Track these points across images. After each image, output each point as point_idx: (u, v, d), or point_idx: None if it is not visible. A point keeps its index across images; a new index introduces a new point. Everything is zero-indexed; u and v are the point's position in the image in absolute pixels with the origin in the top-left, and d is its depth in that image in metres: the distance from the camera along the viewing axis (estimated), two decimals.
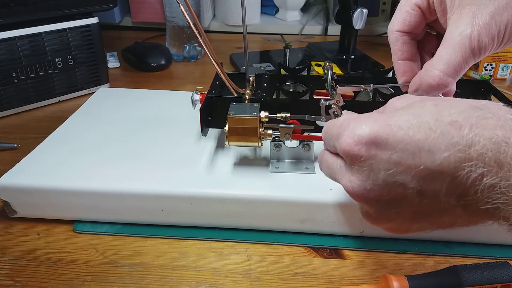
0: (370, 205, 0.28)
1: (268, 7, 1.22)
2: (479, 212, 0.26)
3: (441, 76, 0.32)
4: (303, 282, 0.40)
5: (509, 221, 0.25)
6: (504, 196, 0.24)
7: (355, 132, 0.27)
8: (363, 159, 0.27)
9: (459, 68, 0.32)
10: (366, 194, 0.27)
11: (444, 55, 0.32)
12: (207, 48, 0.44)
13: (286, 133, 0.43)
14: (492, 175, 0.24)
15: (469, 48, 0.31)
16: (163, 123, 0.56)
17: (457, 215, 0.27)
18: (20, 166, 0.47)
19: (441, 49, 0.32)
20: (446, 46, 0.32)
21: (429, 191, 0.26)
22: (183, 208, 0.44)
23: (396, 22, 0.36)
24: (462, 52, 0.31)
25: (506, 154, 0.24)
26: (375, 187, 0.27)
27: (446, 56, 0.32)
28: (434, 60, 0.32)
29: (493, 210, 0.25)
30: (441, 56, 0.32)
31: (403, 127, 0.26)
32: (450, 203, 0.26)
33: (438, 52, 0.32)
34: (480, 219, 0.27)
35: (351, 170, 0.28)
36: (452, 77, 0.32)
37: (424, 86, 0.33)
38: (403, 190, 0.26)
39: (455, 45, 0.31)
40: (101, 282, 0.39)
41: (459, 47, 0.31)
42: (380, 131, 0.26)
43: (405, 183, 0.26)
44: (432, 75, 0.32)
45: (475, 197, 0.25)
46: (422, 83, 0.33)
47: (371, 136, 0.26)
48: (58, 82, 0.71)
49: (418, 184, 0.26)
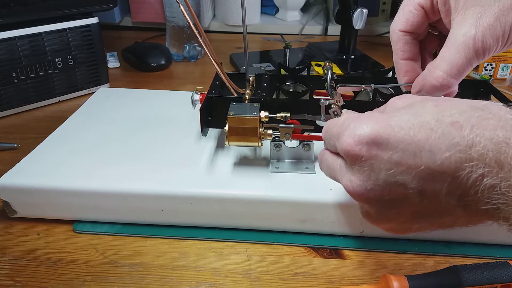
0: (370, 205, 0.28)
1: (268, 7, 1.22)
2: (479, 212, 0.26)
3: (444, 77, 0.32)
4: (303, 282, 0.40)
5: (509, 221, 0.25)
6: (504, 196, 0.24)
7: (356, 132, 0.27)
8: (364, 159, 0.27)
9: (462, 69, 0.32)
10: (366, 194, 0.27)
11: (448, 56, 0.32)
12: (207, 48, 0.44)
13: (286, 133, 0.43)
14: (493, 175, 0.24)
15: (472, 49, 0.31)
16: (163, 123, 0.56)
17: (457, 215, 0.27)
18: (20, 166, 0.47)
19: (445, 50, 0.32)
20: (449, 47, 0.32)
21: (430, 191, 0.26)
22: (183, 208, 0.44)
23: (399, 22, 0.36)
24: (466, 53, 0.31)
25: (507, 155, 0.24)
26: (375, 187, 0.27)
27: (450, 57, 0.32)
28: (437, 61, 0.32)
29: (493, 211, 0.25)
30: (444, 57, 0.32)
31: (404, 127, 0.26)
32: (450, 203, 0.26)
33: (441, 53, 0.32)
34: (480, 219, 0.27)
35: (351, 170, 0.28)
36: (455, 78, 0.32)
37: (427, 87, 0.33)
38: (403, 190, 0.26)
39: (458, 46, 0.31)
40: (101, 282, 0.39)
41: (462, 48, 0.31)
42: (381, 131, 0.26)
43: (405, 183, 0.26)
44: (436, 76, 0.32)
45: (476, 197, 0.25)
46: (425, 84, 0.33)
47: (372, 136, 0.26)
48: (58, 82, 0.71)
49: (419, 184, 0.26)
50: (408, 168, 0.25)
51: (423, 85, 0.33)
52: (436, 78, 0.32)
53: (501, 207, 0.24)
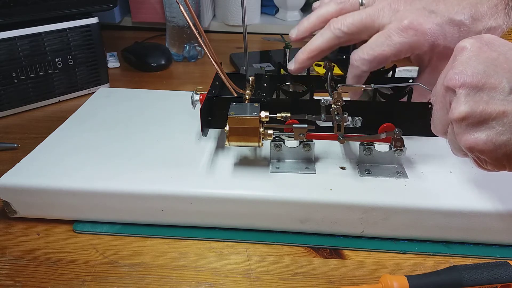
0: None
1: (268, 7, 1.22)
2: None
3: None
4: (303, 282, 0.40)
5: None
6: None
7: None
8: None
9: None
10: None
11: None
12: (207, 48, 0.44)
13: (301, 133, 0.43)
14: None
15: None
16: (163, 123, 0.56)
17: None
18: (20, 166, 0.47)
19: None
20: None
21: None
22: (183, 208, 0.44)
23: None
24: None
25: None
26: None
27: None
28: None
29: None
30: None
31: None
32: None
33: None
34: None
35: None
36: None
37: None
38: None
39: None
40: (101, 282, 0.39)
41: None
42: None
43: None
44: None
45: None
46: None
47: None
48: (58, 82, 0.71)
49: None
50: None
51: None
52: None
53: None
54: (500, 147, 0.31)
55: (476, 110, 0.30)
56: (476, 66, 0.31)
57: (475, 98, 0.30)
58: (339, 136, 0.43)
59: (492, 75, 0.30)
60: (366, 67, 0.41)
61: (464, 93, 0.31)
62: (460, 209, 0.41)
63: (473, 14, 0.38)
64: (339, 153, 0.50)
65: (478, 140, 0.31)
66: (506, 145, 0.30)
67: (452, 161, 0.47)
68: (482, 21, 0.38)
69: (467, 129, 0.31)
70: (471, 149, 0.32)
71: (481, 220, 0.41)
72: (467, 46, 0.32)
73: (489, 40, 0.32)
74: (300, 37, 0.47)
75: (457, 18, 0.38)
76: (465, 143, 0.32)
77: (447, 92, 0.32)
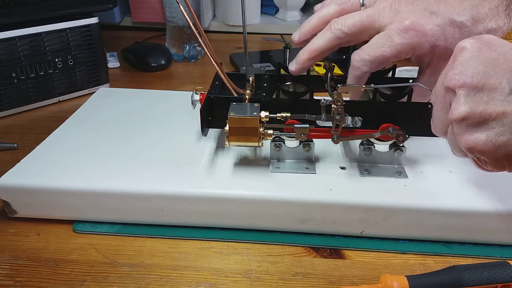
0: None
1: (268, 7, 1.22)
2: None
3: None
4: (303, 282, 0.40)
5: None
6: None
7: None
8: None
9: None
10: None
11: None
12: (207, 48, 0.44)
13: (302, 133, 0.43)
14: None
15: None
16: (163, 123, 0.56)
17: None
18: (20, 166, 0.47)
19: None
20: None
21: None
22: (183, 208, 0.44)
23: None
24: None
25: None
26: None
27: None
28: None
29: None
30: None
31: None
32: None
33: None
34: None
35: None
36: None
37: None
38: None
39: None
40: (101, 282, 0.39)
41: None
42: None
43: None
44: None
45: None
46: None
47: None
48: (58, 82, 0.71)
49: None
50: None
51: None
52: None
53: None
54: (500, 147, 0.31)
55: (476, 111, 0.30)
56: (476, 67, 0.31)
57: (475, 98, 0.30)
58: (334, 136, 0.43)
59: (492, 76, 0.30)
60: (367, 68, 0.41)
61: (464, 93, 0.31)
62: (460, 209, 0.41)
63: (474, 15, 0.38)
64: (339, 153, 0.50)
65: (478, 141, 0.31)
66: (506, 145, 0.30)
67: (452, 161, 0.47)
68: (483, 23, 0.38)
69: (467, 129, 0.31)
70: (471, 149, 0.32)
71: (481, 220, 0.41)
72: (467, 46, 0.32)
73: (489, 40, 0.32)
74: (303, 39, 0.46)
75: (458, 19, 0.38)
76: (465, 143, 0.32)
77: (447, 92, 0.32)
